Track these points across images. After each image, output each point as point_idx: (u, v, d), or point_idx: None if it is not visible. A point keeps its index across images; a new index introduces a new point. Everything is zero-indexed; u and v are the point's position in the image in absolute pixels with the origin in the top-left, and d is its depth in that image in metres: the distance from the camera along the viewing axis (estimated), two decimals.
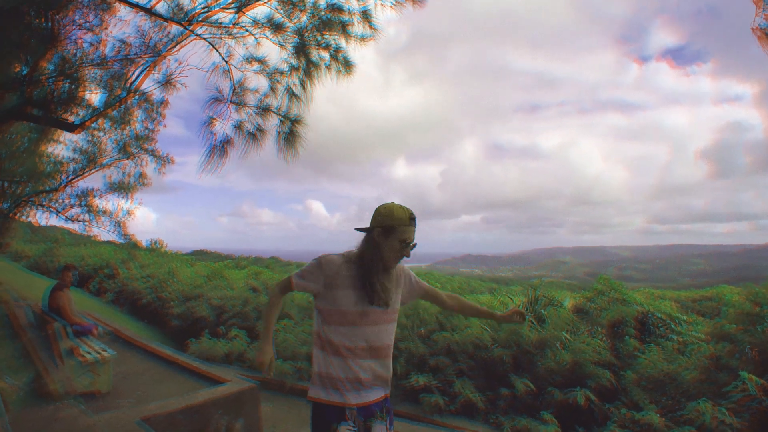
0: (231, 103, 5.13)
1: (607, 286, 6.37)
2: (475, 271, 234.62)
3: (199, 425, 3.60)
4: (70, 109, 5.37)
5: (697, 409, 3.61)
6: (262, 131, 5.22)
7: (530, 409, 4.48)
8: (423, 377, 4.93)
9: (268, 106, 5.22)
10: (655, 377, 4.23)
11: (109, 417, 3.08)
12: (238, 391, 4.08)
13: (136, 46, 5.33)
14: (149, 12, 4.69)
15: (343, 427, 1.67)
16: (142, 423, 3.08)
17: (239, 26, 4.85)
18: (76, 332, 4.63)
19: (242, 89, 5.21)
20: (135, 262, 12.94)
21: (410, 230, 1.75)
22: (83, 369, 4.13)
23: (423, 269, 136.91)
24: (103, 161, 11.02)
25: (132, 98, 6.54)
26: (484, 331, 5.30)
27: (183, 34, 5.43)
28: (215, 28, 4.86)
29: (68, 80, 4.88)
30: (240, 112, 5.23)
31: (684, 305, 8.33)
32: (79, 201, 11.50)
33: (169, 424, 3.33)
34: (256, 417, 4.20)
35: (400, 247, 1.74)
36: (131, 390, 4.43)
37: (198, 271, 11.28)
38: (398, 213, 1.76)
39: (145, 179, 11.14)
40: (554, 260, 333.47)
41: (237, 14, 4.70)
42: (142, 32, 5.26)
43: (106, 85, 5.82)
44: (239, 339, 6.82)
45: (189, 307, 8.51)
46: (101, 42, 5.11)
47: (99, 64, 5.25)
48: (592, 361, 4.53)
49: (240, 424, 3.95)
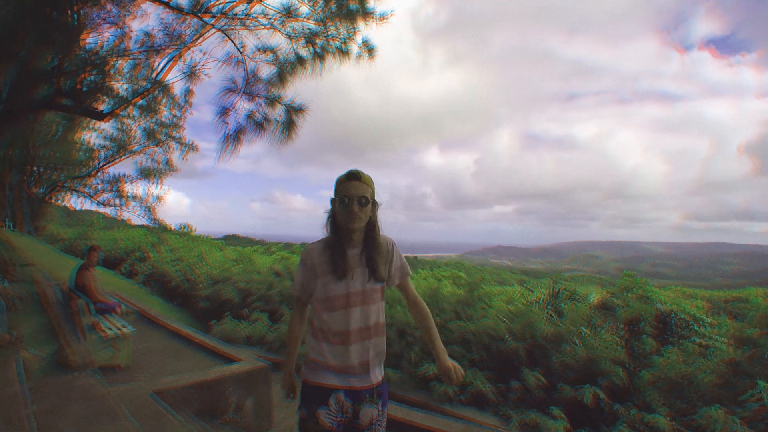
0: (244, 93, 5.22)
1: (632, 282, 6.19)
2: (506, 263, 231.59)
3: (210, 400, 3.75)
4: (98, 99, 5.58)
5: (708, 415, 3.47)
6: (269, 120, 5.31)
7: (541, 403, 4.42)
8: (433, 366, 4.95)
9: (277, 97, 5.30)
10: (671, 379, 4.10)
11: (123, 388, 3.25)
12: (250, 369, 4.20)
13: (159, 38, 5.48)
14: (166, 5, 4.81)
15: (323, 411, 1.70)
16: (154, 395, 3.23)
17: (251, 17, 4.92)
18: (100, 310, 4.88)
19: (255, 79, 5.31)
20: (165, 246, 13.32)
21: (349, 185, 1.74)
22: (104, 344, 4.36)
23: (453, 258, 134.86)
24: (132, 148, 11.41)
25: (157, 88, 6.74)
26: (500, 323, 5.25)
27: (205, 27, 5.55)
28: (229, 19, 4.94)
29: (95, 71, 5.07)
30: (252, 102, 5.34)
31: (716, 305, 8.00)
32: (111, 186, 12.01)
33: (181, 398, 3.48)
34: (267, 396, 4.32)
35: (344, 204, 1.73)
36: (150, 365, 4.64)
37: (227, 255, 11.51)
38: (339, 177, 1.78)
39: (173, 166, 11.54)
40: (586, 254, 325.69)
41: (249, 4, 4.76)
42: (165, 24, 5.40)
43: (131, 76, 6.02)
44: (260, 322, 6.99)
45: (216, 290, 8.70)
46: (126, 35, 5.27)
47: (124, 56, 5.43)
48: (608, 359, 4.42)
49: (250, 402, 4.08)
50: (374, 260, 1.79)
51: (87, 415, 2.68)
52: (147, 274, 11.63)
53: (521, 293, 6.77)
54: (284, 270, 9.36)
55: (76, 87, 5.18)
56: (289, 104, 5.32)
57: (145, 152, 10.98)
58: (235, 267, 9.94)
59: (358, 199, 1.72)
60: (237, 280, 8.82)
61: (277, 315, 7.28)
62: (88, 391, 2.99)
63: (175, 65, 6.18)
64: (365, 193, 1.73)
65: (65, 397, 2.91)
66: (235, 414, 3.94)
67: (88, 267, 5.14)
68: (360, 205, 1.72)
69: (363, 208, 1.73)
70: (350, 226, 1.73)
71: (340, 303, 1.75)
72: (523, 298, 6.26)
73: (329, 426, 1.70)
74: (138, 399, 3.12)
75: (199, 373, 3.96)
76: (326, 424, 1.69)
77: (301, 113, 5.41)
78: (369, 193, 1.75)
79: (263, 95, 5.32)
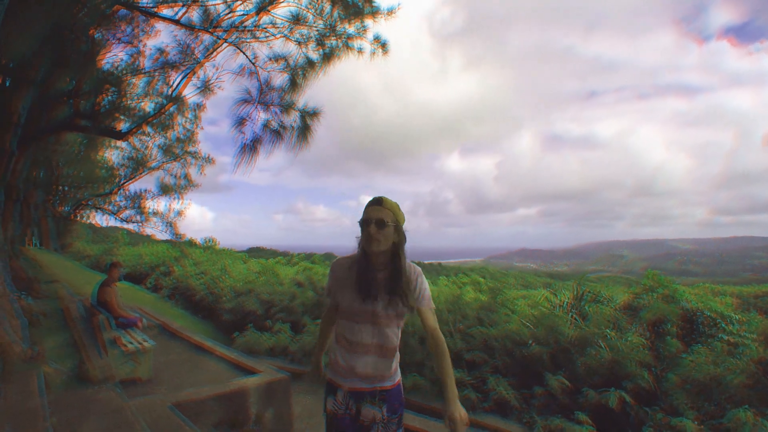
0: (258, 103, 5.29)
1: (656, 282, 5.99)
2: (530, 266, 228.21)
3: (229, 412, 3.76)
4: (115, 119, 5.73)
5: (737, 417, 3.32)
6: (285, 128, 5.37)
7: (565, 408, 4.30)
8: (457, 371, 4.87)
9: (291, 104, 5.36)
10: (699, 380, 3.93)
11: (142, 401, 3.29)
12: (270, 381, 4.22)
13: (173, 55, 5.60)
14: (176, 22, 4.92)
15: (330, 400, 1.93)
16: (173, 408, 3.25)
17: (260, 28, 4.99)
18: (122, 324, 4.97)
19: (269, 88, 5.37)
20: (189, 260, 13.52)
21: (369, 208, 1.85)
22: (125, 357, 4.44)
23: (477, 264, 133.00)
24: (150, 164, 11.67)
25: (172, 105, 6.89)
26: (523, 328, 5.15)
27: (217, 41, 5.66)
28: (239, 32, 5.02)
29: (112, 89, 5.21)
30: (267, 111, 5.41)
31: (745, 301, 7.69)
32: (132, 203, 12.28)
33: (200, 410, 3.50)
34: (287, 407, 4.32)
35: (363, 226, 1.84)
36: (171, 378, 4.70)
37: (250, 267, 11.62)
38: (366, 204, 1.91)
39: (192, 180, 11.78)
40: (611, 254, 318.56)
41: (257, 16, 4.83)
42: (178, 41, 5.53)
43: (147, 94, 6.17)
44: (283, 333, 7.02)
45: (240, 302, 8.77)
46: (141, 53, 5.41)
47: (139, 73, 5.56)
48: (633, 361, 4.28)
49: (270, 413, 4.08)
50: (396, 287, 1.85)
51: (105, 427, 2.72)
52: (172, 288, 11.77)
53: (545, 297, 6.62)
54: (306, 281, 9.38)
55: (94, 108, 5.33)
56: (303, 109, 5.42)
57: (163, 168, 11.36)
58: (259, 279, 10.04)
59: (376, 222, 1.80)
60: (260, 292, 8.90)
61: (299, 326, 7.31)
62: (107, 404, 3.03)
63: (189, 81, 6.32)
64: (383, 217, 1.81)
65: (84, 410, 2.96)
66: (255, 425, 3.95)
67: (110, 283, 5.25)
68: (378, 228, 1.80)
69: (381, 231, 1.80)
70: (369, 247, 1.82)
71: (358, 317, 1.88)
72: (547, 302, 6.13)
73: (334, 412, 1.91)
74: (157, 411, 3.14)
75: (219, 385, 3.98)
76: (330, 410, 1.92)
77: (315, 117, 5.48)
78: (389, 217, 1.82)
79: (277, 103, 5.40)
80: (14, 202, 6.21)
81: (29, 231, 15.66)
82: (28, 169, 8.08)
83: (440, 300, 6.25)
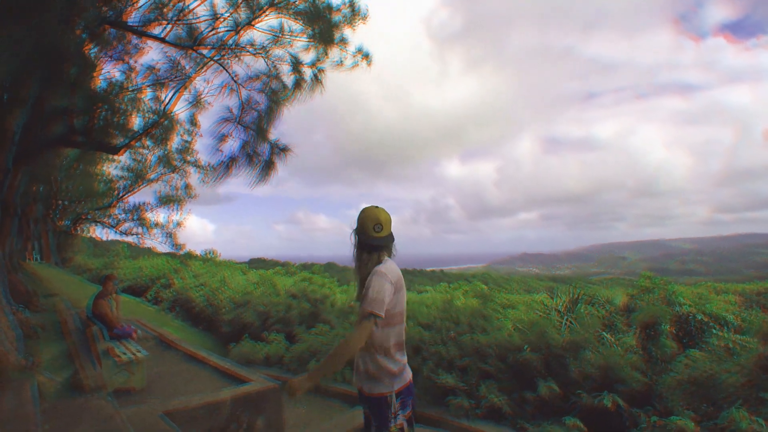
0: (238, 123, 5.38)
1: (652, 283, 5.98)
2: (533, 270, 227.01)
3: (219, 421, 3.79)
4: (109, 135, 5.84)
5: (731, 417, 3.32)
6: (257, 155, 5.45)
7: (559, 413, 4.30)
8: (450, 377, 4.89)
9: (265, 129, 5.44)
10: (695, 381, 3.93)
11: (134, 410, 3.34)
12: (260, 390, 4.25)
13: (163, 71, 5.72)
14: (162, 40, 5.04)
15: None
16: (164, 416, 3.30)
17: (239, 46, 5.09)
18: (117, 335, 5.03)
19: (249, 108, 5.45)
20: (188, 272, 13.56)
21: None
22: (119, 368, 4.49)
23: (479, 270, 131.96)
24: (149, 176, 11.76)
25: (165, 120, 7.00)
26: (514, 333, 5.16)
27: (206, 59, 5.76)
28: (221, 50, 5.12)
29: (105, 106, 5.32)
30: (246, 133, 5.49)
31: (748, 299, 7.64)
32: (132, 215, 12.35)
33: (190, 419, 3.54)
34: (279, 415, 4.35)
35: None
36: (164, 387, 4.74)
37: (250, 278, 11.62)
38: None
39: (192, 190, 11.88)
40: (613, 256, 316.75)
41: (237, 35, 4.93)
42: (168, 58, 5.64)
43: (139, 110, 6.29)
44: (277, 342, 7.07)
45: (238, 314, 8.83)
46: (133, 69, 5.53)
47: (131, 91, 5.68)
48: (626, 364, 4.28)
49: (261, 422, 4.11)
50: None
51: None
52: (172, 300, 11.78)
53: (540, 301, 6.62)
54: (300, 292, 9.39)
55: (88, 124, 5.44)
56: (275, 142, 5.48)
57: (162, 179, 11.48)
58: (257, 290, 10.07)
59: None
60: (257, 303, 8.93)
61: (294, 336, 7.37)
62: (99, 412, 3.08)
63: (181, 96, 6.45)
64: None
65: (76, 418, 3.02)
66: None
67: (104, 296, 5.32)
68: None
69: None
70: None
71: (401, 317, 1.98)
72: (542, 305, 6.12)
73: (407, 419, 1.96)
74: (148, 420, 3.19)
75: (210, 394, 4.02)
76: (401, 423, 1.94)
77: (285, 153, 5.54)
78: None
79: (253, 128, 5.47)
80: (12, 217, 6.30)
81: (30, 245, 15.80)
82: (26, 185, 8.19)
83: (433, 308, 6.29)
